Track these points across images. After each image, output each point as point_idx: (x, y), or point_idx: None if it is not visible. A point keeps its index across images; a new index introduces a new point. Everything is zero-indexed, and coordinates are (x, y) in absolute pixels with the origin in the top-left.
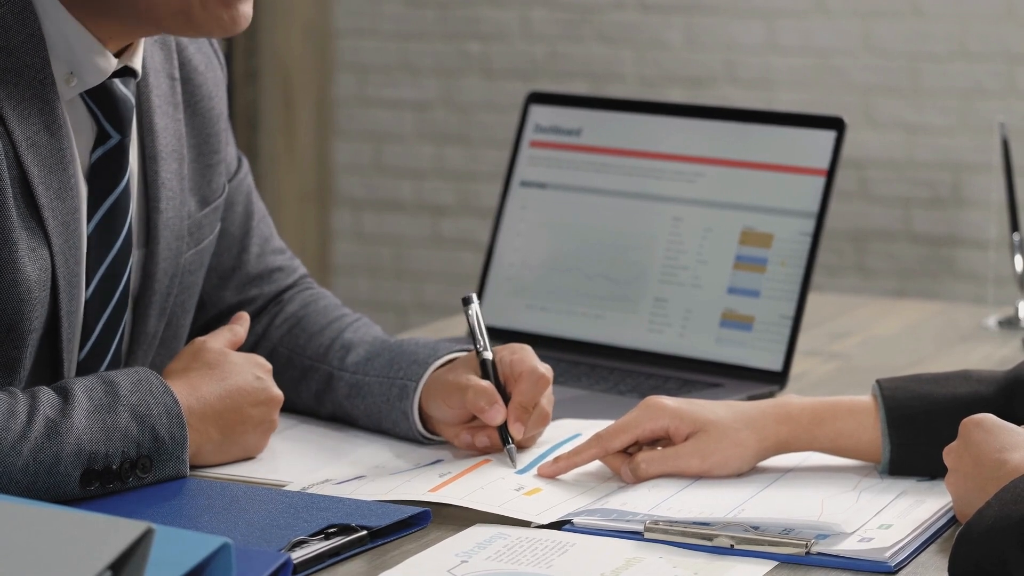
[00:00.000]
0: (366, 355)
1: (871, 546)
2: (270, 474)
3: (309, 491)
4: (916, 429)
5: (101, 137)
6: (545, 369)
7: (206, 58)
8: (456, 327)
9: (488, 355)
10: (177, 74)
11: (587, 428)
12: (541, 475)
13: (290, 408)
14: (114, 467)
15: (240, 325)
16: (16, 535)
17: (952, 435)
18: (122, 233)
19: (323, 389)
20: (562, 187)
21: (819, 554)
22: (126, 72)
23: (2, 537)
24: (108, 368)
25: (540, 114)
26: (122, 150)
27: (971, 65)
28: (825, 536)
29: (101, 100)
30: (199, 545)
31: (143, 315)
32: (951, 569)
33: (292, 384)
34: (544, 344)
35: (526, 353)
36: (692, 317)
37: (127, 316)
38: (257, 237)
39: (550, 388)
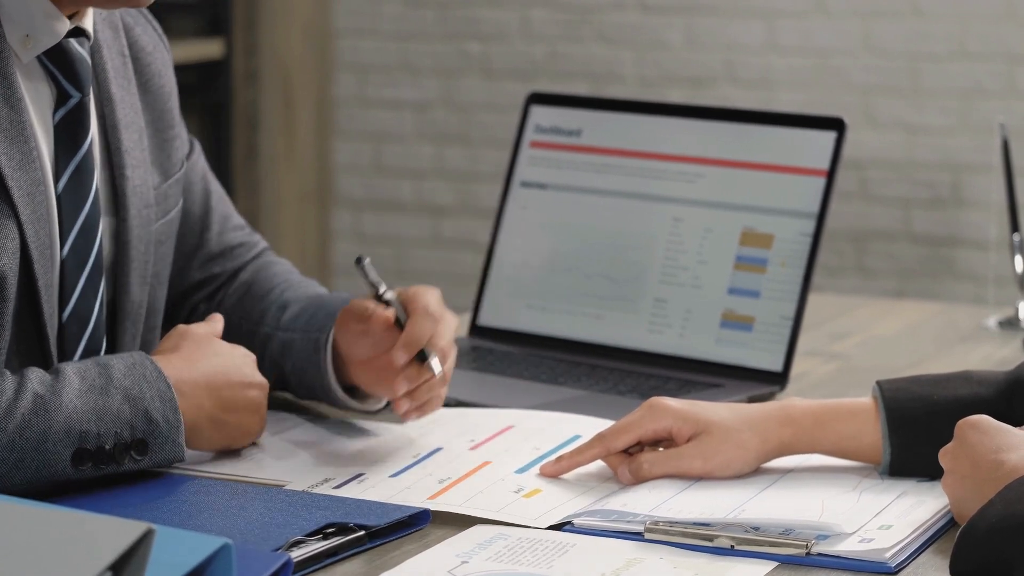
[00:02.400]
0: (297, 312)
1: (871, 547)
2: (270, 474)
3: (308, 491)
4: (916, 431)
5: (61, 98)
6: (436, 307)
7: (152, 40)
8: (460, 327)
9: (389, 294)
10: (127, 51)
11: (587, 428)
12: (544, 475)
13: None
14: (107, 448)
15: (216, 322)
16: (16, 535)
17: (952, 436)
18: (90, 195)
19: (263, 352)
20: (562, 187)
21: (819, 555)
22: (78, 33)
23: (2, 537)
24: (91, 338)
25: (540, 114)
26: (83, 108)
27: (971, 65)
28: (825, 537)
29: (58, 60)
30: (200, 545)
31: (124, 285)
32: (952, 568)
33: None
34: (544, 344)
35: (421, 291)
36: (692, 317)
37: (105, 287)
38: (217, 215)
39: (448, 326)
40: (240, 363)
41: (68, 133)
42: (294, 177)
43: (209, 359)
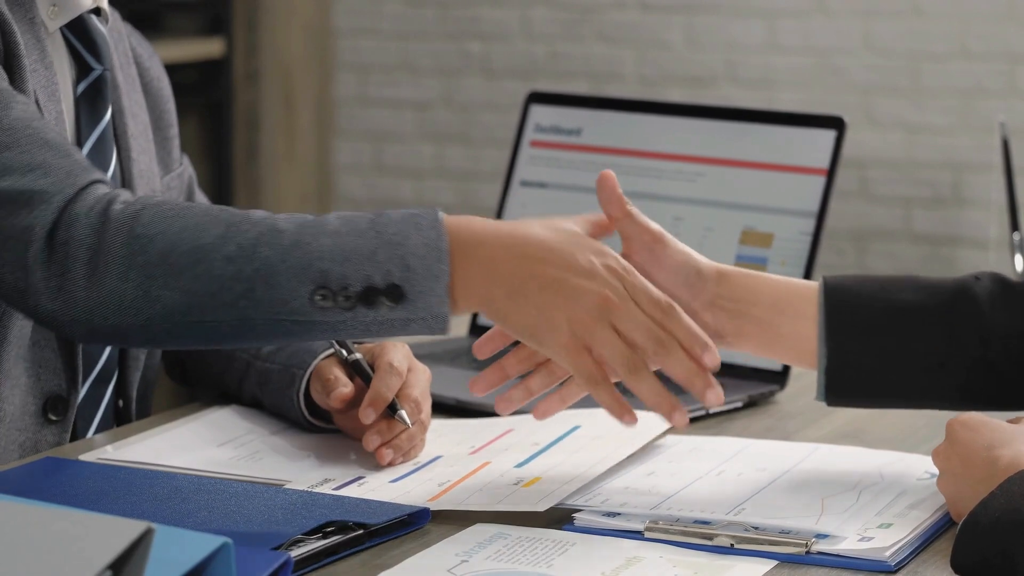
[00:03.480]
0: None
1: (871, 545)
2: (270, 473)
3: (308, 491)
4: (855, 334)
5: (82, 71)
6: (400, 362)
7: (147, 51)
8: (457, 326)
9: (354, 356)
10: (129, 53)
11: (585, 418)
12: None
13: (218, 393)
14: (353, 289)
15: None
16: (16, 534)
17: (891, 345)
18: (111, 166)
19: (242, 377)
20: (562, 187)
21: (819, 553)
22: (96, 13)
23: (2, 536)
24: None
25: (540, 114)
26: (104, 82)
27: (971, 65)
28: (825, 535)
29: (80, 34)
30: (199, 544)
31: None
32: (954, 561)
33: (219, 372)
34: None
35: (387, 347)
36: None
37: None
38: None
39: (418, 376)
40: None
41: (90, 105)
42: (295, 177)
43: (532, 224)
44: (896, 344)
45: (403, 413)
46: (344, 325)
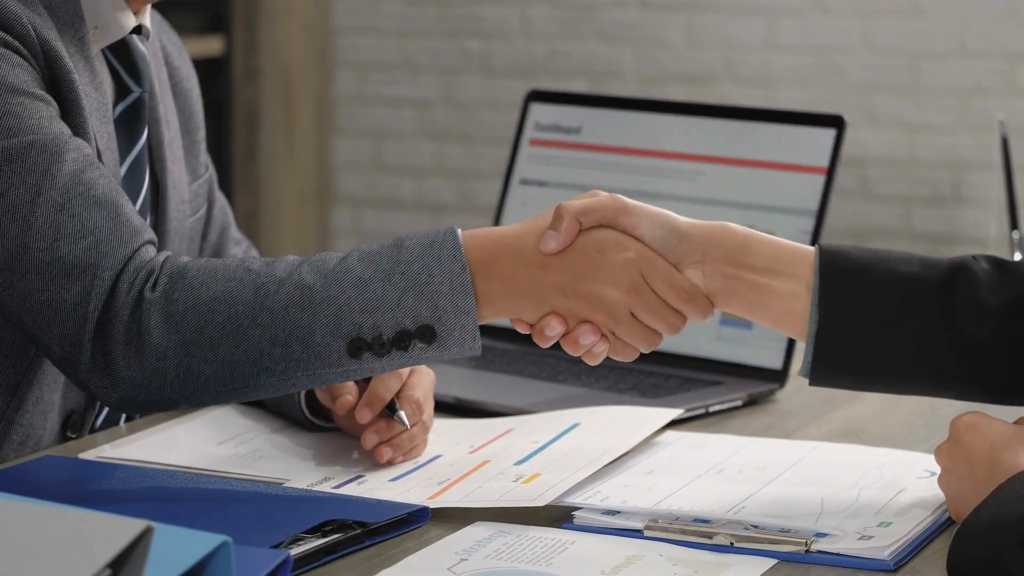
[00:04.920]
0: None
1: (871, 544)
2: (269, 471)
3: (308, 489)
4: (848, 299)
5: (122, 92)
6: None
7: (177, 48)
8: None
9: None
10: (160, 55)
11: (585, 417)
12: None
13: None
14: (386, 338)
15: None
16: (16, 533)
17: (886, 316)
18: (143, 190)
19: None
20: (562, 185)
21: (819, 552)
22: (138, 31)
23: (2, 535)
24: None
25: (540, 112)
26: (142, 104)
27: (971, 63)
28: (825, 534)
29: (121, 55)
30: (199, 543)
31: None
32: (949, 566)
33: None
34: None
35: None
36: None
37: None
38: (216, 225)
39: (420, 378)
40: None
41: (127, 127)
42: (294, 175)
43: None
44: (891, 316)
45: (402, 414)
46: (379, 368)
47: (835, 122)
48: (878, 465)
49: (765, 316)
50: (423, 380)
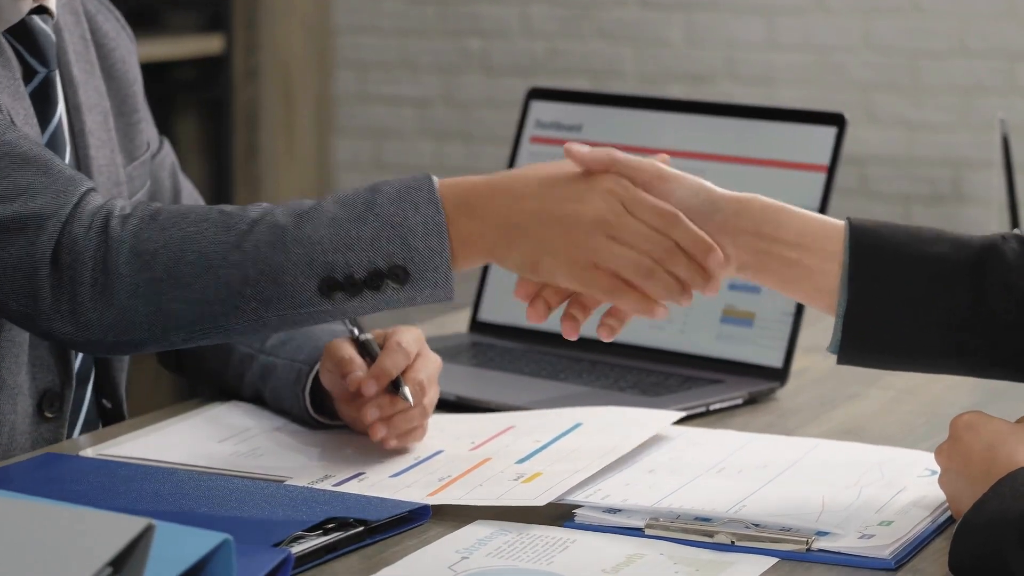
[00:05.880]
0: (285, 337)
1: (872, 543)
2: (271, 469)
3: (308, 487)
4: (879, 278)
5: (28, 74)
6: (410, 343)
7: (114, 28)
8: (458, 323)
9: (364, 336)
10: (89, 36)
11: (588, 417)
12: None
13: (216, 387)
14: (358, 277)
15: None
16: (17, 532)
17: (916, 294)
18: (65, 158)
19: (244, 371)
20: None
21: (820, 551)
22: (40, 11)
23: (2, 533)
24: None
25: (541, 110)
26: (51, 84)
27: (971, 62)
28: (826, 533)
29: (22, 37)
30: (200, 541)
31: None
32: (951, 562)
33: (219, 367)
34: (546, 340)
35: (399, 329)
36: (693, 313)
37: None
38: None
39: (427, 362)
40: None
41: (37, 108)
42: (294, 174)
43: (521, 168)
44: (921, 295)
45: (406, 390)
46: (352, 309)
47: (836, 120)
48: (879, 464)
49: (795, 291)
50: (429, 364)
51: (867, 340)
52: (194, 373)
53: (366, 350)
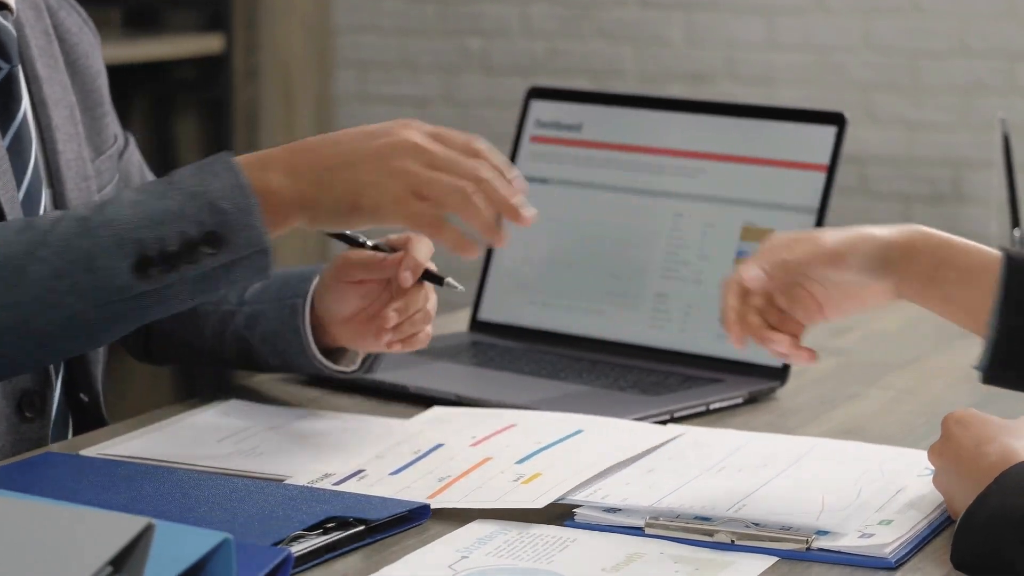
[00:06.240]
0: (260, 287)
1: (872, 542)
2: (270, 468)
3: (308, 486)
4: None
5: None
6: (424, 240)
7: (77, 23)
8: (458, 322)
9: (374, 242)
10: (51, 31)
11: (588, 424)
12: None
13: (196, 356)
14: (172, 249)
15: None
16: (16, 531)
17: None
18: (30, 165)
19: (224, 329)
20: (563, 182)
21: (820, 550)
22: (0, 8)
23: (2, 533)
24: None
25: (541, 109)
26: (13, 80)
27: (971, 61)
28: (826, 532)
29: None
30: (200, 540)
31: None
32: (953, 558)
33: (194, 332)
34: (545, 340)
35: (409, 234)
36: (693, 313)
37: None
38: None
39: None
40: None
41: (1, 105)
42: None
43: (328, 134)
44: None
45: (451, 280)
46: (172, 288)
47: (836, 119)
48: (879, 462)
49: (949, 317)
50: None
51: (1013, 368)
52: (163, 354)
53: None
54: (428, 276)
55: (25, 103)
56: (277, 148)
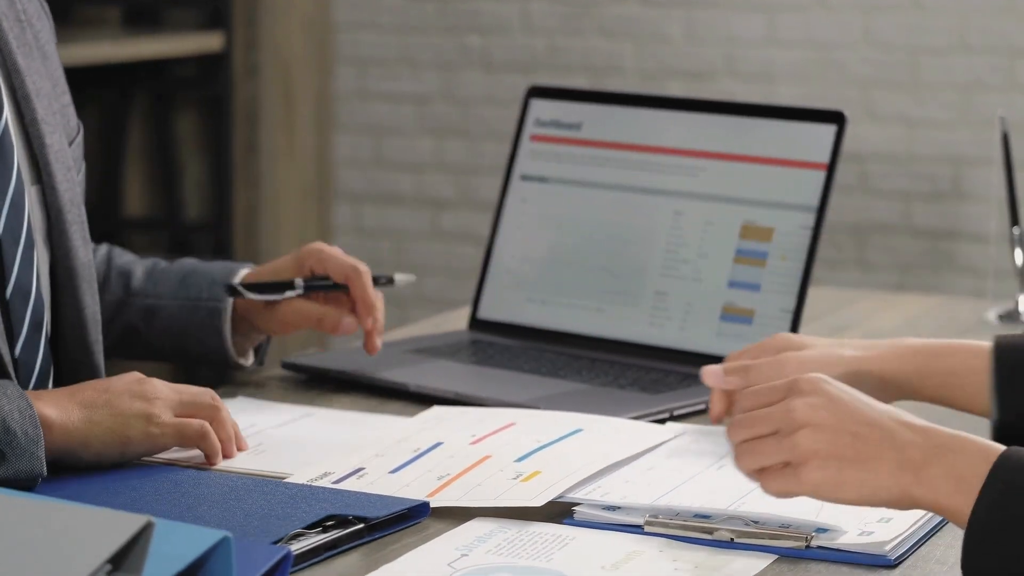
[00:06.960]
0: (148, 278)
1: (871, 539)
2: (270, 467)
3: (308, 484)
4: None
5: None
6: (353, 264)
7: (36, 9)
8: (459, 321)
9: (300, 287)
10: (22, 17)
11: (588, 423)
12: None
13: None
14: None
15: None
16: (16, 529)
17: None
18: (13, 168)
19: (111, 317)
20: (563, 181)
21: (819, 548)
22: None
23: (2, 532)
24: (34, 310)
25: (540, 108)
26: None
27: (971, 59)
28: (825, 529)
29: None
30: (200, 538)
31: (68, 249)
32: (963, 566)
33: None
34: (545, 338)
35: (326, 256)
36: (693, 311)
37: (46, 254)
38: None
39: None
40: (129, 380)
41: None
42: (294, 171)
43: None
44: None
45: (399, 276)
46: None
47: (836, 118)
48: None
49: (948, 405)
50: (334, 250)
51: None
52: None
53: (310, 290)
54: (376, 282)
55: (6, 108)
56: (63, 391)
